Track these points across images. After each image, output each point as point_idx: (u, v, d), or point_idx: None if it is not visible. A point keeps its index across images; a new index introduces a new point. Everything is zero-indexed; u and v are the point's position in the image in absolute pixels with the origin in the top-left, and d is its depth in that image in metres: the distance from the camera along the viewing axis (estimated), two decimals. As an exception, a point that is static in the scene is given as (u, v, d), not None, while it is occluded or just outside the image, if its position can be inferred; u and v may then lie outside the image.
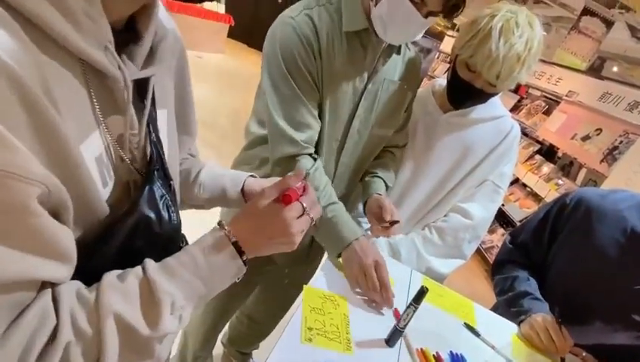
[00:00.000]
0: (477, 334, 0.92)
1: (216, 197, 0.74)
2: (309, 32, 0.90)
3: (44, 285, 0.39)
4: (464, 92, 1.05)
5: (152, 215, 0.49)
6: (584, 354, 0.99)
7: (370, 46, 0.96)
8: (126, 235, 0.46)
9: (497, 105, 1.18)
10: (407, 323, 0.76)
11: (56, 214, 0.37)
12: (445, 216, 1.22)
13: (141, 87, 0.48)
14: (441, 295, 1.02)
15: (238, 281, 0.54)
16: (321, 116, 0.98)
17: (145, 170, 0.50)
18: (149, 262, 0.47)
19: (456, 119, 1.16)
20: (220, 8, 5.25)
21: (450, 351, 0.84)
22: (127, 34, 0.45)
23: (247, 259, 0.53)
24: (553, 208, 1.12)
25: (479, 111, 1.14)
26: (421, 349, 0.81)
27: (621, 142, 2.84)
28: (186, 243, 0.60)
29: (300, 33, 0.90)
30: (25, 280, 0.35)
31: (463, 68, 1.02)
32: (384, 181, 1.13)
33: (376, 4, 0.89)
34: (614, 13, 4.70)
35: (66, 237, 0.38)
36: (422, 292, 0.72)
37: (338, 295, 0.87)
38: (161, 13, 0.50)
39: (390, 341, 0.78)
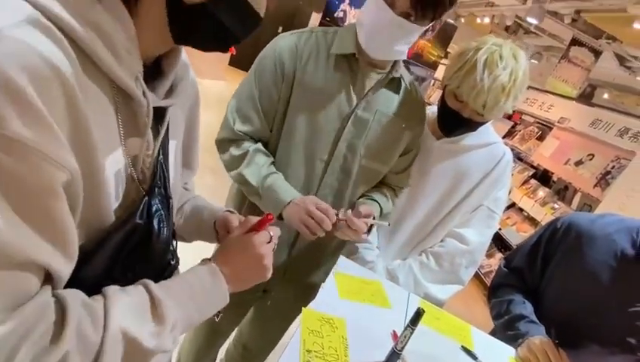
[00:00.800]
0: (474, 357, 0.93)
1: (193, 228, 0.78)
2: (286, 49, 1.01)
3: (44, 282, 0.41)
4: (453, 120, 1.10)
5: (144, 226, 0.52)
6: (581, 377, 0.99)
7: (360, 73, 1.02)
8: (119, 243, 0.50)
9: (489, 132, 1.22)
10: (404, 345, 0.77)
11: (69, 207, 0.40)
12: (442, 241, 1.24)
13: (158, 115, 0.53)
14: (438, 318, 1.03)
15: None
16: (293, 129, 1.03)
17: (146, 189, 0.54)
18: (150, 282, 0.50)
19: (450, 146, 1.20)
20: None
21: (448, 375, 0.84)
22: (154, 69, 0.53)
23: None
24: (545, 233, 1.14)
25: (471, 138, 1.18)
26: (419, 372, 0.81)
27: (613, 167, 2.90)
28: (177, 262, 0.64)
29: (278, 48, 1.02)
30: (35, 262, 0.38)
31: (452, 98, 1.07)
32: (379, 205, 1.14)
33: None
34: (602, 44, 4.88)
35: (73, 232, 0.41)
36: (418, 314, 0.74)
37: (336, 317, 0.88)
38: (183, 56, 0.58)
39: (388, 363, 0.79)
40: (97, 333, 0.41)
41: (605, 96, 7.26)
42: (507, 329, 1.07)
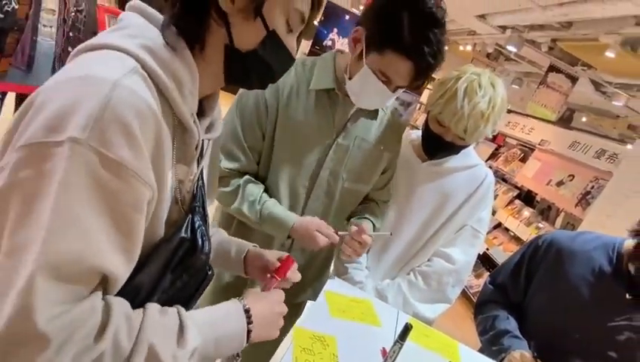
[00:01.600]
0: (462, 373, 0.95)
1: (219, 261, 0.84)
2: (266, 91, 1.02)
3: (100, 284, 0.46)
4: (437, 144, 1.16)
5: (191, 240, 0.59)
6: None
7: (340, 105, 1.06)
8: (168, 254, 0.56)
9: (471, 155, 1.28)
10: (393, 361, 0.79)
11: None
12: (429, 260, 1.28)
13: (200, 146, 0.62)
14: (427, 335, 1.05)
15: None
16: (278, 160, 1.07)
17: (187, 208, 0.62)
18: (182, 309, 0.57)
19: (434, 168, 1.25)
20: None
21: (437, 390, 0.86)
22: (199, 108, 0.62)
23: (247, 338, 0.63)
24: (528, 250, 1.19)
25: (455, 160, 1.24)
26: (408, 388, 0.83)
27: (592, 187, 3.00)
28: (212, 273, 0.69)
29: None
30: (103, 270, 0.45)
31: (435, 123, 1.14)
32: (372, 223, 1.18)
33: (350, 78, 1.00)
34: (577, 70, 5.12)
35: (140, 242, 0.49)
36: (407, 329, 0.77)
37: (327, 335, 0.90)
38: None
39: (378, 380, 0.81)
40: (130, 342, 0.47)
41: (583, 119, 7.54)
42: (492, 345, 1.10)
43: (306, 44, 6.29)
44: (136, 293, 0.53)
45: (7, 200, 0.42)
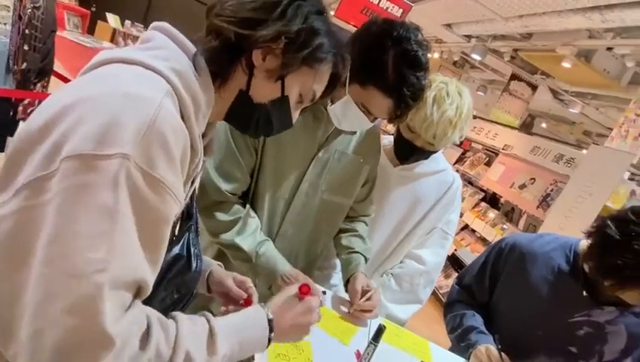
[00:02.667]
0: (433, 372, 0.98)
1: None
2: None
3: (134, 295, 0.49)
4: (408, 149, 1.20)
5: (186, 257, 0.62)
6: (530, 386, 1.07)
7: (324, 121, 1.07)
8: (164, 269, 0.58)
9: (440, 160, 1.33)
10: (367, 363, 0.81)
11: None
12: (401, 262, 1.32)
13: None
14: (398, 335, 1.08)
15: None
16: (261, 174, 1.06)
17: (181, 225, 0.64)
18: (209, 315, 0.59)
19: (405, 173, 1.29)
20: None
21: (409, 390, 0.88)
22: None
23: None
24: (491, 253, 1.24)
25: (424, 166, 1.28)
26: (382, 389, 0.85)
27: (552, 189, 3.17)
28: (196, 293, 0.71)
29: None
30: (142, 281, 0.47)
31: (406, 129, 1.18)
32: (363, 255, 1.19)
33: (332, 101, 1.00)
34: (537, 79, 5.39)
35: (164, 254, 0.52)
36: (380, 330, 0.78)
37: (302, 340, 0.90)
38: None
39: (353, 382, 0.82)
40: (169, 349, 0.50)
41: (543, 125, 7.96)
42: (460, 341, 1.14)
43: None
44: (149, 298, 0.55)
45: (52, 208, 0.43)
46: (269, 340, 0.64)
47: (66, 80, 3.02)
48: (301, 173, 1.08)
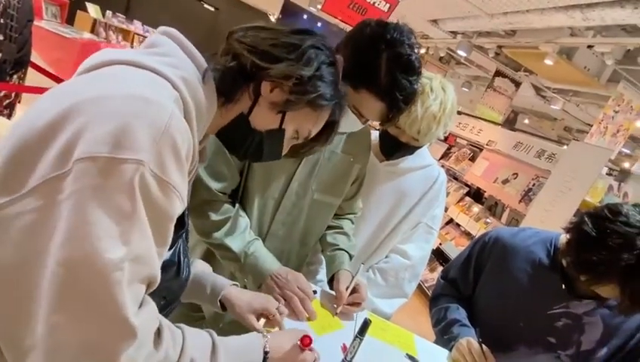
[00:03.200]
0: (417, 364, 0.99)
1: (192, 295, 0.85)
2: None
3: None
4: (393, 145, 1.21)
5: (176, 262, 0.64)
6: (511, 377, 1.09)
7: None
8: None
9: (425, 156, 1.34)
10: (353, 356, 0.81)
11: None
12: (386, 257, 1.33)
13: None
14: (384, 329, 1.09)
15: None
16: (250, 174, 1.05)
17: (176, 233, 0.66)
18: (212, 331, 0.63)
19: (391, 168, 1.30)
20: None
21: (394, 382, 0.90)
22: None
23: None
24: (475, 247, 1.27)
25: (410, 161, 1.29)
26: (367, 382, 0.86)
27: (534, 184, 3.24)
28: (179, 301, 0.73)
29: None
30: (154, 276, 0.50)
31: (391, 125, 1.17)
32: (347, 252, 1.19)
33: None
34: (521, 75, 5.49)
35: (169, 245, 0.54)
36: (365, 324, 0.79)
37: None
38: None
39: (339, 376, 0.83)
40: (176, 353, 0.53)
41: (526, 121, 8.12)
42: (443, 334, 1.16)
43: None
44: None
45: (66, 209, 0.43)
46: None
47: (44, 72, 2.93)
48: (291, 173, 1.07)
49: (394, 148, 1.22)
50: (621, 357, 1.05)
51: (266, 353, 0.68)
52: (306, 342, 0.73)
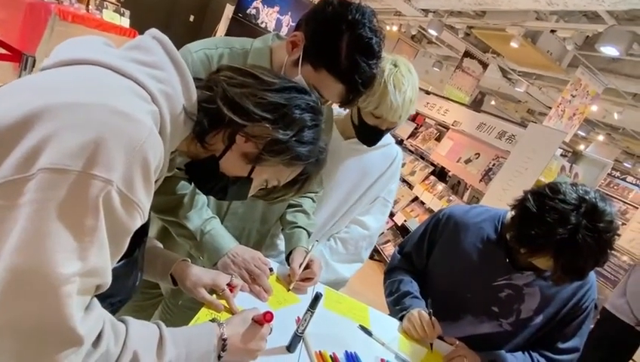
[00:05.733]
0: (369, 334, 1.04)
1: (145, 269, 0.82)
2: (200, 67, 0.94)
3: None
4: (374, 134, 1.25)
5: (132, 270, 0.64)
6: (457, 342, 1.17)
7: None
8: (121, 267, 0.60)
9: (386, 135, 1.37)
10: (305, 328, 0.84)
11: None
12: (347, 227, 1.42)
13: None
14: (339, 302, 1.13)
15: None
16: None
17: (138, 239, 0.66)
18: (161, 323, 0.62)
19: (356, 146, 1.33)
20: (124, 22, 4.89)
21: (346, 351, 0.94)
22: None
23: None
24: (430, 223, 1.32)
25: None
26: (319, 352, 0.89)
27: (494, 164, 3.37)
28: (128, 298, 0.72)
29: (191, 63, 0.94)
30: (104, 284, 0.50)
31: (369, 116, 1.20)
32: (305, 229, 1.21)
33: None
34: (488, 57, 5.60)
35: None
36: (317, 298, 0.82)
37: (239, 306, 0.91)
38: None
39: (291, 347, 0.86)
40: (117, 348, 0.52)
41: (492, 102, 8.35)
42: (395, 305, 1.22)
43: (229, 9, 5.95)
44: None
45: (24, 216, 0.42)
46: (219, 357, 0.68)
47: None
48: None
49: (376, 137, 1.26)
50: (554, 323, 1.15)
51: (224, 340, 0.68)
52: (268, 317, 0.74)
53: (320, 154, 0.73)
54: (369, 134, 1.26)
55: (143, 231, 0.65)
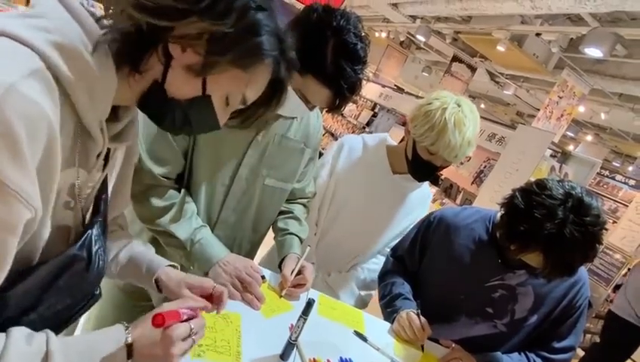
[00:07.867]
0: (364, 339, 1.04)
1: (130, 277, 0.80)
2: None
3: None
4: (427, 170, 1.26)
5: (85, 257, 0.57)
6: (453, 345, 1.17)
7: None
8: (54, 272, 0.53)
9: None
10: (298, 335, 0.83)
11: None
12: (376, 258, 1.45)
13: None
14: (333, 308, 1.12)
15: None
16: (196, 160, 1.02)
17: (88, 220, 0.59)
18: (51, 334, 0.51)
19: (404, 183, 1.36)
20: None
21: (340, 357, 0.93)
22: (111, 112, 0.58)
23: None
24: (422, 227, 1.33)
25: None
26: (314, 359, 0.88)
27: (485, 166, 3.40)
28: (100, 294, 0.66)
29: None
30: None
31: (424, 152, 1.22)
32: (297, 236, 1.20)
33: None
34: (476, 61, 5.67)
35: (7, 264, 0.45)
36: (309, 304, 0.81)
37: (231, 312, 0.90)
38: None
39: (284, 355, 0.85)
40: None
41: (482, 106, 8.45)
42: (387, 308, 1.22)
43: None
44: (4, 308, 0.49)
45: None
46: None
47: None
48: (239, 158, 1.06)
49: (428, 172, 1.28)
50: (549, 323, 1.15)
51: (129, 345, 0.57)
52: (156, 321, 0.59)
53: (287, 51, 0.61)
54: (421, 169, 1.27)
55: (93, 208, 0.59)
